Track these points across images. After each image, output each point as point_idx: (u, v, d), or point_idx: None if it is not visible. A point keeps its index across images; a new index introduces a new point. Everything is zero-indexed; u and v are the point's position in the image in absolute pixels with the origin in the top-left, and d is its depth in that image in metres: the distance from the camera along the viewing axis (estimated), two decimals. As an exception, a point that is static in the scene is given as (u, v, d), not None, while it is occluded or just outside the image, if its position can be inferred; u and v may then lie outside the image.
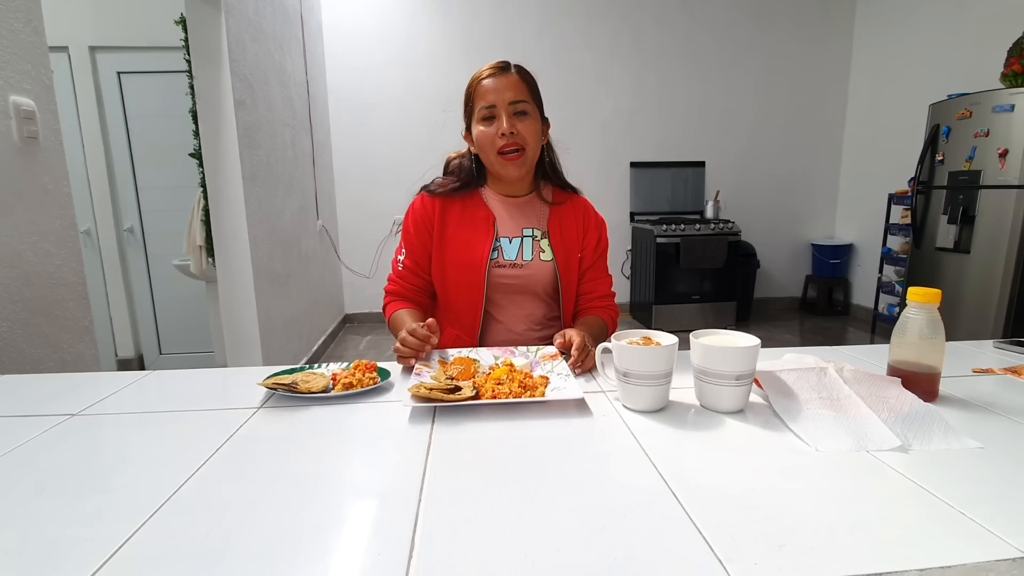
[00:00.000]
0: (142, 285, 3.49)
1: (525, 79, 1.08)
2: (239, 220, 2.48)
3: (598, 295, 1.21)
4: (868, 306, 4.27)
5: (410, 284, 1.18)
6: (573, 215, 1.19)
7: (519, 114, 1.05)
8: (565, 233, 1.17)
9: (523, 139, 1.06)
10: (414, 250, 1.17)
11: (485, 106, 1.05)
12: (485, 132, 1.06)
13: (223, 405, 0.77)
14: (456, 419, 0.71)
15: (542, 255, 1.15)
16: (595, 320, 1.15)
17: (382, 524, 0.49)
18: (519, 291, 1.15)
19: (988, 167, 2.76)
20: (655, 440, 0.65)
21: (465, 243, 1.13)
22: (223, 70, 2.40)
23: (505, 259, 1.13)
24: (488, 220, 1.14)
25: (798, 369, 0.72)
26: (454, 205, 1.16)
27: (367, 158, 4.22)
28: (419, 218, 1.16)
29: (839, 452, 0.60)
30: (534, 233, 1.15)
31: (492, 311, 1.17)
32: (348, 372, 0.82)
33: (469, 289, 1.13)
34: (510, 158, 1.06)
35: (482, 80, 1.06)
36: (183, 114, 2.71)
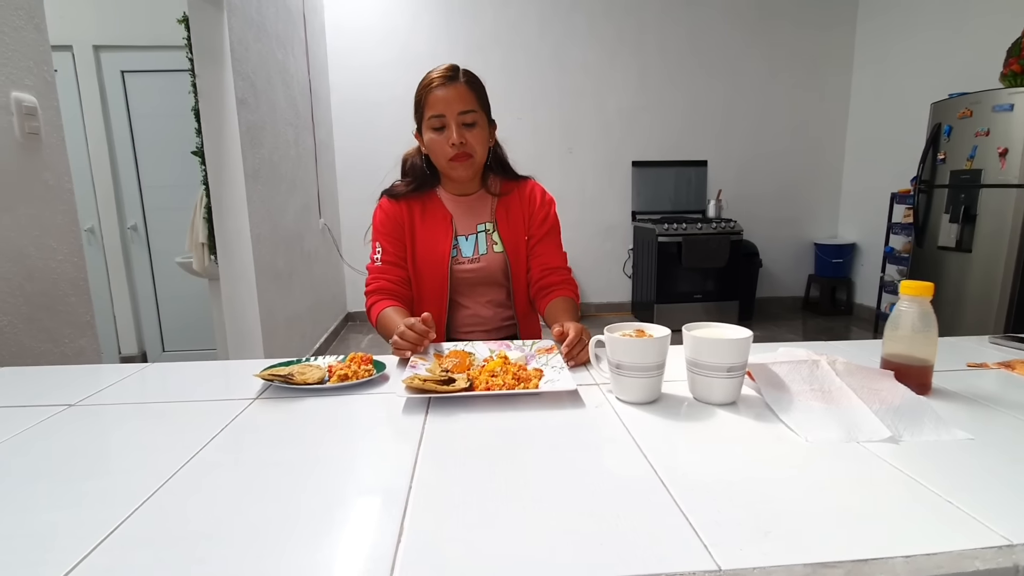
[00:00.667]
0: (145, 282, 3.51)
1: (473, 88, 1.12)
2: (241, 218, 2.50)
3: (552, 267, 1.23)
4: (871, 305, 4.26)
5: (395, 276, 1.21)
6: (519, 201, 1.25)
7: (467, 125, 1.11)
8: (511, 220, 1.23)
9: (471, 147, 1.12)
10: (392, 244, 1.21)
11: (435, 115, 1.09)
12: (436, 140, 1.11)
13: (220, 396, 0.78)
14: (450, 410, 0.71)
15: (495, 247, 1.22)
16: (568, 303, 1.17)
17: (372, 511, 0.50)
18: (479, 282, 1.23)
19: (989, 166, 2.75)
20: (646, 431, 0.65)
21: (429, 242, 1.20)
22: (225, 69, 2.41)
23: (463, 256, 1.21)
24: (446, 220, 1.21)
25: (790, 362, 0.73)
26: (416, 206, 1.22)
27: (369, 158, 4.23)
28: (388, 217, 1.22)
29: (829, 443, 0.60)
30: (487, 227, 1.22)
31: (458, 299, 1.25)
32: (344, 364, 0.83)
33: (434, 284, 1.20)
34: (459, 160, 1.12)
35: (432, 89, 1.09)
36: (186, 112, 2.72)
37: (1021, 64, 2.61)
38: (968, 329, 2.90)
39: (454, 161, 1.12)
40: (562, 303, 1.16)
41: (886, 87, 4.16)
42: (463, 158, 1.12)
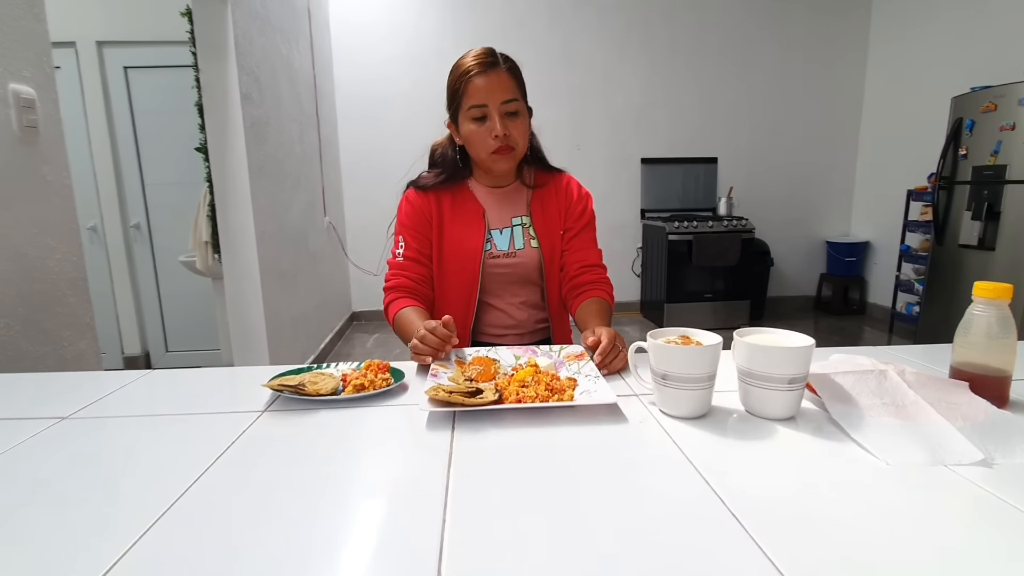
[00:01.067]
0: (148, 282, 3.45)
1: (514, 74, 1.05)
2: (246, 215, 2.44)
3: (588, 264, 1.16)
4: (884, 305, 4.18)
5: (415, 274, 1.14)
6: (555, 194, 1.18)
7: (510, 115, 1.04)
8: (547, 214, 1.16)
9: (514, 140, 1.04)
10: (415, 240, 1.15)
11: (476, 105, 1.02)
12: (476, 132, 1.04)
13: (226, 408, 0.72)
14: (478, 425, 0.65)
15: (532, 242, 1.15)
16: (600, 304, 1.09)
17: (402, 544, 0.43)
18: (513, 279, 1.15)
19: (1015, 161, 2.67)
20: (700, 449, 0.58)
21: (459, 237, 1.12)
22: (229, 63, 2.35)
23: (498, 250, 1.14)
24: (478, 213, 1.13)
25: (855, 372, 0.66)
26: (444, 199, 1.14)
27: (375, 155, 4.17)
28: (416, 210, 1.15)
29: (912, 466, 0.54)
30: (523, 221, 1.15)
31: (488, 299, 1.17)
32: (359, 373, 0.76)
33: (464, 280, 1.13)
34: (502, 153, 1.05)
35: (472, 77, 1.02)
36: (190, 109, 2.66)
37: (1050, 56, 2.53)
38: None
39: (497, 155, 1.05)
40: (595, 305, 1.09)
41: (902, 82, 4.07)
42: (506, 152, 1.04)
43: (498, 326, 1.19)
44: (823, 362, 0.73)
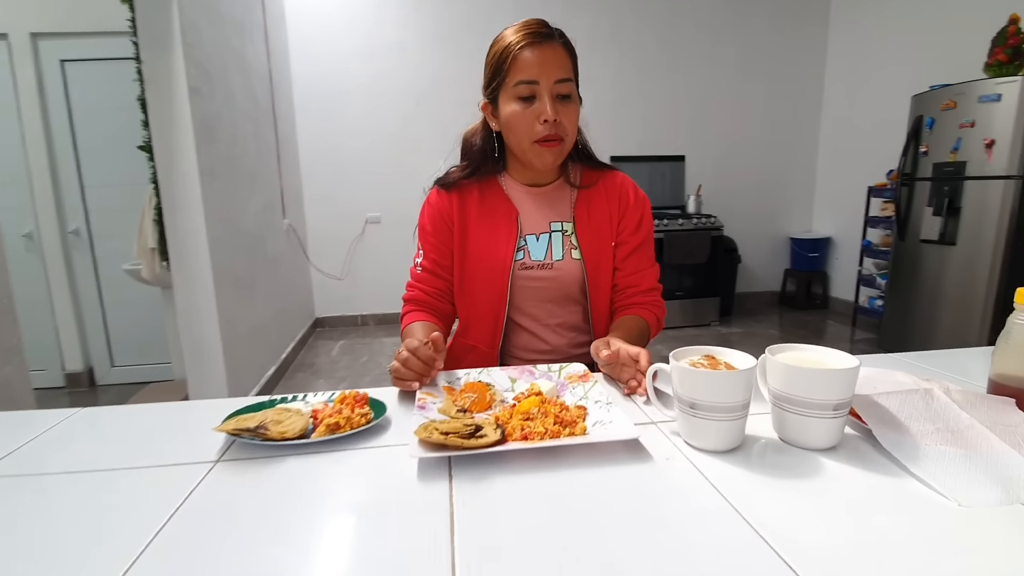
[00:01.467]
0: (90, 292, 3.19)
1: (570, 51, 0.90)
2: (196, 219, 2.25)
3: (642, 289, 1.00)
4: (847, 299, 4.27)
5: (432, 287, 1.01)
6: (605, 196, 1.00)
7: (562, 98, 0.88)
8: (594, 220, 0.99)
9: (564, 128, 0.88)
10: (433, 249, 1.00)
11: (525, 81, 0.86)
12: (521, 114, 0.88)
13: (169, 459, 0.59)
14: (479, 469, 0.55)
15: (574, 252, 0.97)
16: (634, 321, 0.94)
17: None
18: (550, 296, 0.98)
19: (974, 158, 2.73)
20: (737, 488, 0.50)
21: (486, 243, 0.97)
22: (175, 55, 2.16)
23: (532, 259, 0.97)
24: (510, 216, 0.97)
25: (899, 392, 0.59)
26: (471, 197, 0.99)
27: (335, 153, 3.99)
28: (436, 213, 1.00)
29: (986, 505, 0.47)
30: (563, 227, 0.98)
31: (518, 319, 1.01)
32: (332, 408, 0.65)
33: (490, 295, 0.97)
34: (549, 146, 0.89)
35: (523, 47, 0.86)
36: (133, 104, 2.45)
37: (1007, 53, 2.60)
38: (950, 323, 2.90)
39: (543, 145, 0.88)
40: (630, 322, 0.93)
41: (859, 80, 4.16)
42: (554, 142, 0.88)
43: (530, 350, 1.02)
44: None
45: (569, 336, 1.02)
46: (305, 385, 3.06)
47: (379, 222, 4.08)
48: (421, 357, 0.73)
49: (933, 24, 3.51)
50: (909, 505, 0.48)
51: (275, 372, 3.04)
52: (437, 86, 3.96)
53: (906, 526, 0.45)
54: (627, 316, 0.96)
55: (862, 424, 0.58)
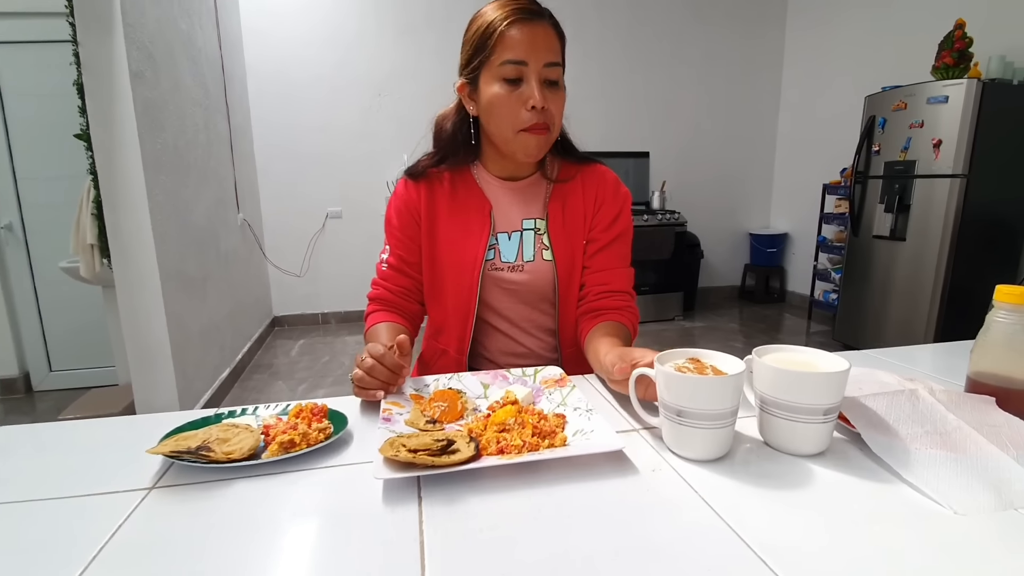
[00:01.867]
0: (25, 291, 2.96)
1: (559, 34, 0.83)
2: (141, 214, 2.10)
3: (611, 289, 0.91)
4: (803, 293, 4.40)
5: (397, 285, 0.94)
6: (582, 191, 0.92)
7: (550, 84, 0.81)
8: (567, 218, 0.91)
9: (551, 117, 0.81)
10: (399, 244, 0.93)
11: (512, 60, 0.78)
12: (505, 98, 0.80)
13: (94, 487, 0.52)
14: (453, 489, 0.50)
15: (545, 253, 0.91)
16: (618, 329, 0.86)
17: None
18: (522, 297, 0.92)
19: (923, 157, 2.84)
20: (729, 501, 0.47)
21: (456, 238, 0.90)
22: (115, 36, 2.01)
23: (503, 261, 0.90)
24: (483, 210, 0.90)
25: (885, 393, 0.57)
26: (441, 188, 0.92)
27: (293, 145, 3.83)
28: (402, 205, 0.92)
29: (980, 511, 0.45)
30: (536, 225, 0.91)
31: (491, 320, 0.94)
32: (287, 423, 0.58)
33: (459, 295, 0.90)
34: (536, 132, 0.81)
35: (511, 24, 0.78)
36: (70, 90, 2.26)
37: (954, 57, 2.70)
38: (899, 315, 3.01)
39: (530, 133, 0.81)
40: (612, 328, 0.84)
41: (815, 81, 4.28)
42: (542, 130, 0.81)
43: (504, 353, 0.96)
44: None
45: (543, 338, 0.97)
46: (263, 387, 2.93)
47: (340, 216, 3.95)
48: (387, 364, 0.67)
49: (885, 28, 3.63)
50: (904, 514, 0.46)
51: (230, 374, 2.90)
52: (397, 79, 3.86)
53: (903, 536, 0.43)
54: (607, 324, 0.86)
55: (850, 428, 0.56)
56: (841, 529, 0.44)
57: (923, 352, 0.93)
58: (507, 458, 0.52)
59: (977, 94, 2.60)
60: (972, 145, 2.66)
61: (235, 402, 2.75)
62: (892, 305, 3.06)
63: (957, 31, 2.73)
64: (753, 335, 3.78)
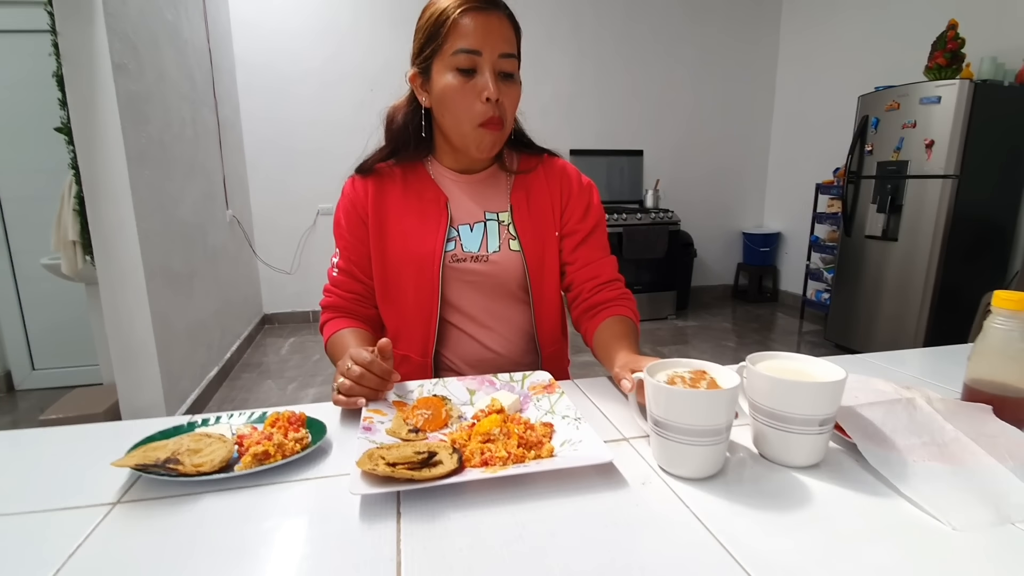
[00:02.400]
0: (6, 288, 2.90)
1: (515, 25, 0.80)
2: (124, 210, 2.06)
3: (603, 281, 0.90)
4: (796, 292, 4.41)
5: (349, 292, 0.90)
6: (545, 182, 0.90)
7: (505, 76, 0.78)
8: (533, 208, 0.89)
9: (504, 110, 0.78)
10: (349, 248, 0.89)
11: (466, 50, 0.75)
12: (459, 89, 0.76)
13: (54, 502, 0.49)
14: (433, 504, 0.47)
15: (512, 243, 0.87)
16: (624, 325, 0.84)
17: None
18: (489, 293, 0.88)
19: (915, 157, 2.84)
20: (721, 518, 0.45)
21: (411, 232, 0.85)
22: (96, 25, 1.96)
23: (465, 251, 0.86)
24: (439, 201, 0.86)
25: (882, 402, 0.55)
26: (392, 184, 0.88)
27: (283, 139, 3.78)
28: (349, 206, 0.88)
29: (978, 527, 0.43)
30: (499, 217, 0.88)
31: (457, 322, 0.89)
32: (262, 433, 0.56)
33: (419, 293, 0.86)
34: (491, 127, 0.78)
35: (463, 11, 0.75)
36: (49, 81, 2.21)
37: (946, 57, 2.70)
38: (890, 314, 3.02)
39: (485, 127, 0.78)
40: (618, 326, 0.82)
41: (809, 80, 4.28)
42: (496, 125, 0.78)
43: (472, 359, 0.90)
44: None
45: (515, 340, 0.91)
46: (252, 386, 2.89)
47: (332, 213, 3.90)
48: (376, 371, 0.64)
49: (879, 28, 3.63)
50: (901, 530, 0.44)
51: (218, 373, 2.85)
52: (391, 73, 3.81)
53: (901, 554, 0.42)
54: (612, 320, 0.85)
55: (845, 438, 0.54)
56: (836, 546, 0.42)
57: (917, 356, 0.92)
58: (491, 471, 0.50)
59: (969, 95, 2.60)
60: (964, 146, 2.66)
61: (223, 401, 2.71)
62: (883, 305, 3.07)
63: (950, 32, 2.73)
64: (746, 334, 3.78)
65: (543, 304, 0.90)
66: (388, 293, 0.89)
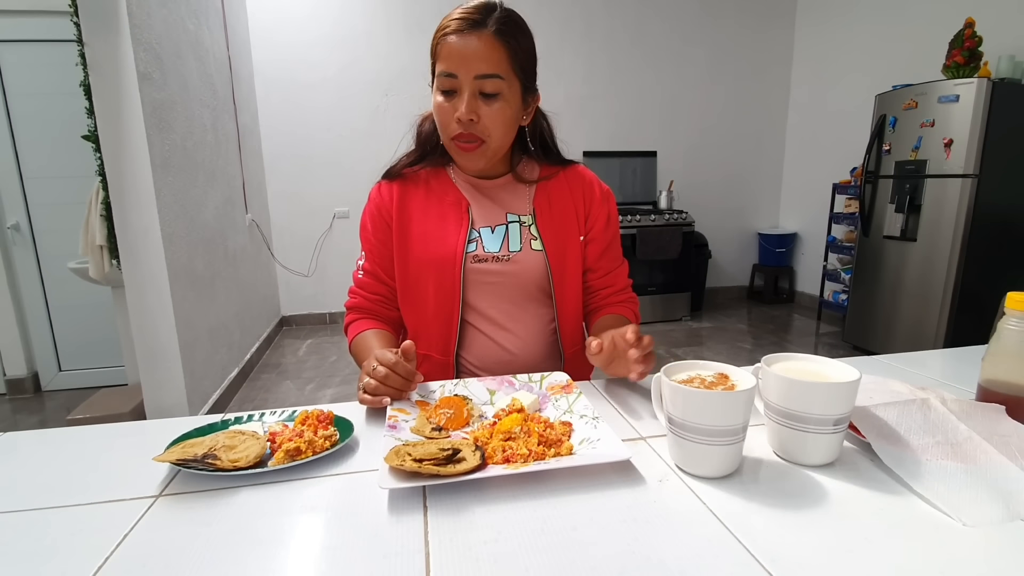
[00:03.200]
0: (34, 292, 2.99)
1: (505, 40, 0.79)
2: (149, 215, 2.12)
3: (617, 289, 0.96)
4: (812, 293, 4.37)
5: (374, 294, 0.93)
6: (568, 187, 0.93)
7: (486, 96, 0.79)
8: (556, 211, 0.91)
9: (485, 129, 0.81)
10: (374, 251, 0.92)
11: (445, 72, 0.79)
12: (441, 107, 0.81)
13: (100, 495, 0.52)
14: (458, 499, 0.50)
15: (533, 243, 0.89)
16: (615, 320, 0.90)
17: None
18: (509, 294, 0.90)
19: (933, 156, 2.81)
20: (739, 515, 0.47)
21: (432, 234, 0.88)
22: (122, 36, 2.02)
23: (487, 251, 0.88)
24: (460, 204, 0.89)
25: (896, 403, 0.56)
26: (417, 189, 0.91)
27: (301, 145, 3.84)
28: (374, 210, 0.92)
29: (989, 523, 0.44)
30: (521, 219, 0.91)
31: (476, 323, 0.91)
32: (292, 430, 0.58)
33: (440, 294, 0.87)
34: (465, 148, 0.82)
35: (447, 33, 0.78)
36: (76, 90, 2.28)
37: (964, 56, 2.67)
38: (910, 316, 2.98)
39: (457, 144, 0.82)
40: (612, 320, 0.89)
41: (824, 80, 4.24)
42: (469, 144, 0.81)
43: (489, 361, 0.91)
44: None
45: (535, 344, 0.93)
46: (271, 386, 2.94)
47: (348, 217, 3.96)
48: (400, 372, 0.66)
49: (895, 26, 3.59)
50: (915, 528, 0.45)
51: (239, 374, 2.91)
52: (406, 78, 3.86)
53: (915, 550, 0.43)
54: (607, 316, 0.92)
55: (860, 437, 0.55)
56: (851, 542, 0.44)
57: (934, 357, 0.92)
58: (513, 467, 0.52)
59: (988, 93, 2.57)
60: (983, 145, 2.63)
61: (244, 401, 2.76)
62: (903, 306, 3.03)
63: (967, 30, 2.70)
64: (762, 336, 3.76)
65: (565, 304, 0.93)
66: (409, 295, 0.91)
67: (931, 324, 2.88)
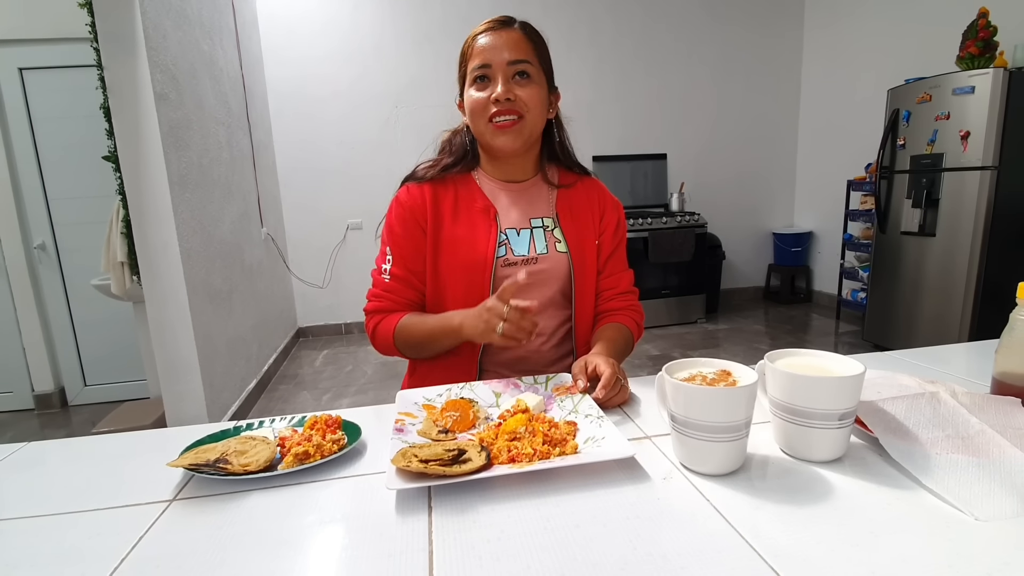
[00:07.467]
0: (59, 308, 3.07)
1: (531, 37, 0.89)
2: (167, 231, 2.17)
3: (619, 291, 1.00)
4: (830, 292, 4.30)
5: (403, 298, 0.92)
6: (585, 195, 0.99)
7: (520, 76, 0.86)
8: (577, 218, 0.97)
9: (522, 105, 0.86)
10: (405, 254, 0.92)
11: (479, 66, 0.86)
12: (477, 98, 0.87)
13: (116, 500, 0.54)
14: (463, 499, 0.50)
15: (558, 245, 0.94)
16: (616, 331, 0.93)
17: None
18: (533, 296, 0.91)
19: (950, 150, 2.76)
20: (744, 513, 0.47)
21: (464, 239, 0.91)
22: (139, 59, 2.08)
23: (515, 255, 0.92)
24: (488, 211, 0.92)
25: (905, 396, 0.56)
26: (446, 194, 0.93)
27: (314, 159, 3.91)
28: (407, 212, 0.92)
29: (1004, 517, 0.44)
30: (544, 223, 0.95)
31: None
32: (301, 435, 0.59)
33: (469, 297, 0.88)
34: (503, 125, 0.86)
35: (477, 37, 0.88)
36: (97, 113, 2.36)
37: (978, 46, 2.62)
38: (931, 312, 2.92)
39: (496, 125, 0.86)
40: (610, 331, 0.91)
41: (835, 76, 4.20)
42: (510, 120, 0.85)
43: (508, 360, 0.95)
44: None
45: (552, 346, 0.97)
46: (288, 397, 2.98)
47: (361, 228, 4.02)
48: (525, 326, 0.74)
49: (906, 19, 3.54)
50: (925, 523, 0.45)
51: (256, 385, 2.96)
52: (415, 89, 3.91)
53: (925, 546, 0.42)
54: (608, 325, 0.95)
55: (868, 433, 0.55)
56: (859, 539, 0.43)
57: (951, 352, 0.91)
58: (518, 467, 0.52)
59: (1004, 83, 2.52)
60: (1001, 136, 2.57)
61: (262, 412, 2.80)
62: (924, 303, 2.97)
63: (981, 20, 2.65)
64: (779, 336, 3.70)
65: (583, 305, 0.97)
66: (438, 299, 0.93)
67: (954, 320, 2.82)
